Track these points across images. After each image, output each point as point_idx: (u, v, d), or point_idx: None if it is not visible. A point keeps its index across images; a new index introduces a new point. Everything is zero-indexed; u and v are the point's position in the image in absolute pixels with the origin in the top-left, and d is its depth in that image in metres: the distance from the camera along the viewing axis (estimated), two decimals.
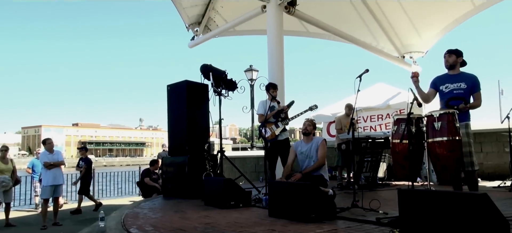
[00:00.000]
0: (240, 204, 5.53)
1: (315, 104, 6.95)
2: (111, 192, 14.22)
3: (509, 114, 7.04)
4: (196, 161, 6.93)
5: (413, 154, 4.30)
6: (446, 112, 4.23)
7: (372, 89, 12.13)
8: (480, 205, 2.87)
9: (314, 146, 5.46)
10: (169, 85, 7.68)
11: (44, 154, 8.31)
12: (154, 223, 4.49)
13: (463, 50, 4.85)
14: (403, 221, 3.37)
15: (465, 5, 9.60)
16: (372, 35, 11.29)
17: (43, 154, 8.33)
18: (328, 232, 3.74)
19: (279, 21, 8.59)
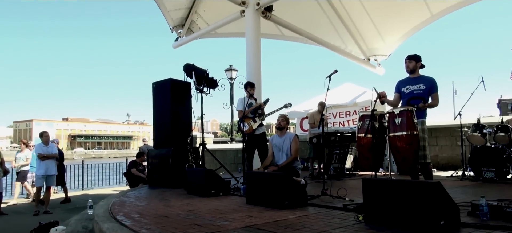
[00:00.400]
0: (220, 192, 5.54)
1: (289, 102, 7.00)
2: (99, 182, 13.99)
3: (460, 111, 7.27)
4: (180, 153, 6.90)
5: (376, 147, 4.38)
6: (405, 109, 4.32)
7: (341, 88, 12.29)
8: (434, 192, 2.95)
9: (287, 141, 5.51)
10: (154, 83, 7.60)
11: (39, 145, 8.20)
12: (139, 211, 4.44)
13: (422, 53, 4.96)
14: (366, 207, 3.43)
15: (423, 14, 9.82)
16: (341, 39, 11.42)
17: (39, 146, 8.22)
18: (300, 217, 3.78)
19: (257, 25, 8.61)
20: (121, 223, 3.72)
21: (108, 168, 14.51)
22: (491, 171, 6.52)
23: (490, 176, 6.52)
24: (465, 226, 3.15)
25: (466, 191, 5.44)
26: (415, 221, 3.02)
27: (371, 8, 10.27)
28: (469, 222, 3.25)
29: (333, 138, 8.06)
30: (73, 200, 9.96)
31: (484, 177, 6.58)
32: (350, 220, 3.55)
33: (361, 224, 3.38)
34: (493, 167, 6.51)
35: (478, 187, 5.93)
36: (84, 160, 14.07)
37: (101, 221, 3.87)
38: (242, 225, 3.48)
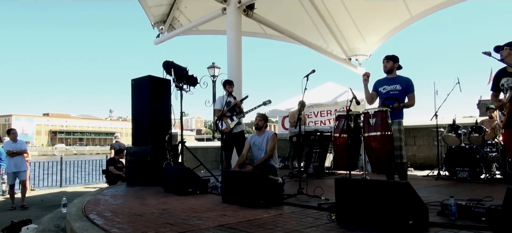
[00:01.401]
0: (197, 191, 5.51)
1: (268, 100, 6.99)
2: (79, 179, 13.75)
3: (437, 112, 7.40)
4: (158, 151, 6.83)
5: (351, 147, 4.42)
6: (380, 110, 4.37)
7: (322, 87, 12.38)
8: (403, 193, 2.99)
9: (265, 139, 5.51)
10: (133, 80, 7.51)
11: (7, 143, 8.13)
12: (113, 209, 4.38)
13: (404, 53, 5.05)
14: (338, 206, 3.46)
15: (403, 15, 9.96)
16: (322, 38, 11.49)
17: (7, 143, 8.17)
18: (274, 216, 3.79)
19: (238, 23, 8.58)
20: (93, 222, 3.67)
21: (88, 165, 14.25)
22: (465, 170, 6.67)
23: (464, 176, 6.66)
24: (433, 225, 3.20)
25: (439, 190, 5.54)
26: (385, 220, 3.06)
27: (353, 8, 10.36)
28: (438, 222, 3.31)
29: (313, 137, 8.12)
30: (50, 198, 9.77)
31: (458, 177, 6.72)
32: (323, 219, 3.57)
33: (333, 224, 3.41)
34: (467, 167, 6.66)
35: (452, 186, 6.06)
36: (64, 156, 13.85)
37: (72, 220, 3.81)
38: (215, 224, 3.46)
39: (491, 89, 4.22)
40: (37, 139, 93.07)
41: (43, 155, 64.08)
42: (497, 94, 4.19)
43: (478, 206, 3.41)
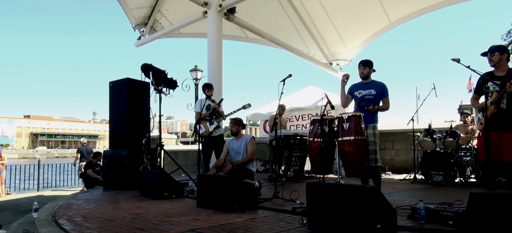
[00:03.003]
0: (173, 195, 5.45)
1: (248, 103, 6.99)
2: (59, 183, 13.46)
3: (413, 117, 7.51)
4: (136, 154, 6.74)
5: (325, 151, 4.44)
6: (354, 114, 4.40)
7: (304, 91, 12.48)
8: (371, 197, 3.01)
9: (244, 143, 5.49)
10: (111, 82, 7.40)
11: None
12: (85, 214, 4.29)
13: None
14: (310, 210, 3.47)
15: (382, 21, 10.10)
16: (304, 43, 11.55)
17: None
18: (246, 220, 3.78)
19: (219, 27, 8.56)
20: (61, 227, 3.59)
21: (68, 168, 13.96)
22: (440, 174, 6.78)
23: (438, 180, 6.78)
24: (401, 229, 3.24)
25: (413, 194, 5.62)
26: (354, 224, 3.08)
27: (333, 14, 10.45)
28: (406, 225, 3.35)
29: (293, 141, 8.13)
30: (26, 202, 9.53)
31: (434, 181, 6.83)
32: (294, 224, 3.57)
33: (304, 228, 3.41)
34: (441, 171, 6.77)
35: (426, 190, 6.15)
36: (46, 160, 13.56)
37: (40, 225, 3.72)
38: (186, 229, 3.43)
39: (474, 91, 4.28)
40: (17, 142, 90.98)
41: (24, 158, 62.57)
42: (478, 97, 4.26)
43: (446, 210, 3.46)
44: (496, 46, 4.07)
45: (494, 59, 4.00)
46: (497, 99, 3.89)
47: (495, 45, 4.08)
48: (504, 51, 4.05)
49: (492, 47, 4.07)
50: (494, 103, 3.90)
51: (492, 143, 3.75)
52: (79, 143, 13.22)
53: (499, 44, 4.11)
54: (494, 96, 3.92)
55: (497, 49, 4.03)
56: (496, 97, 3.90)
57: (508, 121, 3.88)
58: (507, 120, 3.88)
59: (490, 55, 4.03)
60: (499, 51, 4.02)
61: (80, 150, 11.78)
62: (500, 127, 3.86)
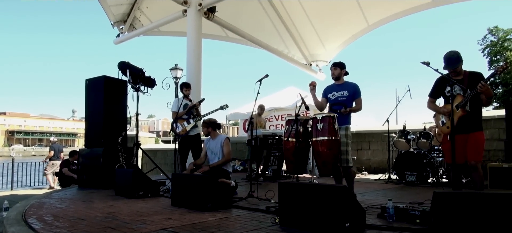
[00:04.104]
0: (148, 194, 5.42)
1: (225, 104, 6.99)
2: (35, 182, 13.12)
3: (388, 118, 7.66)
4: (112, 153, 6.65)
5: (299, 151, 4.49)
6: (327, 115, 4.46)
7: (284, 91, 12.56)
8: (340, 196, 3.07)
9: (219, 144, 5.49)
10: (87, 80, 7.30)
11: None
12: (56, 213, 4.22)
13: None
14: (281, 209, 3.51)
15: (361, 24, 10.25)
16: (284, 44, 11.62)
17: None
18: (220, 219, 3.79)
19: (198, 26, 8.54)
20: (30, 227, 3.52)
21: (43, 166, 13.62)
22: (413, 174, 6.93)
23: (412, 180, 6.93)
24: (370, 228, 3.30)
25: (386, 194, 5.73)
26: (324, 223, 3.13)
27: (313, 16, 10.55)
28: (375, 224, 3.42)
29: (271, 140, 8.18)
30: None
31: (407, 181, 6.98)
32: (267, 222, 3.60)
33: (276, 226, 3.44)
34: (415, 171, 6.93)
35: (399, 190, 6.28)
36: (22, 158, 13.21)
37: (8, 224, 3.64)
38: (158, 228, 3.42)
39: (430, 95, 4.33)
40: None
41: None
42: (434, 101, 4.36)
43: (414, 209, 3.55)
44: (458, 57, 4.09)
45: (458, 70, 4.10)
46: (463, 103, 3.99)
47: (456, 56, 4.09)
48: (461, 60, 4.12)
49: (454, 60, 4.08)
50: (461, 107, 4.00)
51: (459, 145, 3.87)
52: (50, 142, 12.98)
53: (457, 56, 4.11)
54: (459, 100, 4.02)
55: (460, 60, 4.09)
56: (463, 100, 3.99)
57: (472, 122, 4.00)
58: (472, 121, 4.00)
59: (454, 69, 4.09)
60: (461, 61, 4.08)
61: (53, 147, 11.58)
62: (466, 129, 3.97)
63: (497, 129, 7.83)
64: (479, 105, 4.08)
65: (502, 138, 7.34)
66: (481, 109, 4.15)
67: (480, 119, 4.10)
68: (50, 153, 11.57)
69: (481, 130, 4.08)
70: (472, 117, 4.01)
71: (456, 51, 4.10)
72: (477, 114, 4.06)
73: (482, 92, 3.80)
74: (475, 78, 3.91)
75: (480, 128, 4.06)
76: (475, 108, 4.03)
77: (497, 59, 29.64)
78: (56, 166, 11.50)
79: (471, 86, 3.92)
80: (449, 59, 4.06)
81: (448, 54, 4.08)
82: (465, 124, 3.99)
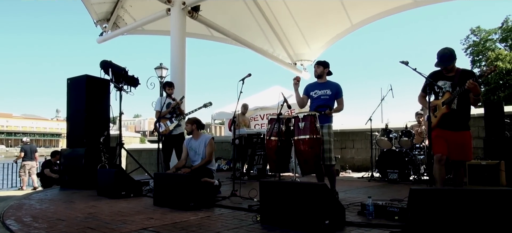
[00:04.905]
0: (131, 194, 5.38)
1: (209, 102, 6.98)
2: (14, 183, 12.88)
3: (371, 117, 7.74)
4: (94, 153, 6.57)
5: (282, 150, 4.51)
6: (309, 114, 4.49)
7: (269, 91, 12.60)
8: (319, 194, 3.10)
9: (203, 144, 5.47)
10: (69, 79, 7.20)
11: None
12: (35, 214, 4.16)
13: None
14: (262, 207, 3.53)
15: (344, 23, 10.34)
16: (269, 43, 11.64)
17: None
18: (201, 218, 3.79)
19: (182, 24, 8.50)
20: (7, 228, 3.46)
21: None
22: (395, 172, 7.04)
23: (394, 177, 7.03)
24: (349, 224, 3.35)
25: (368, 191, 5.80)
26: (304, 221, 3.16)
27: (298, 15, 10.60)
28: (355, 221, 3.47)
29: (255, 139, 8.20)
30: None
31: (389, 178, 7.08)
32: (248, 221, 3.62)
33: (257, 225, 3.46)
34: (396, 169, 7.03)
35: (381, 187, 6.37)
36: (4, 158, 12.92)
37: None
38: (138, 227, 3.40)
39: (422, 89, 4.34)
40: None
41: None
42: (425, 95, 4.37)
43: (392, 206, 3.61)
44: (451, 54, 4.13)
45: (449, 67, 4.13)
46: (449, 100, 4.01)
47: (449, 54, 4.13)
48: (455, 58, 4.16)
49: (447, 57, 4.11)
50: (446, 103, 4.03)
51: (443, 140, 3.93)
52: (21, 142, 12.78)
53: (450, 53, 4.15)
54: (447, 97, 4.03)
55: (454, 58, 4.12)
56: (449, 98, 4.01)
57: (458, 120, 4.02)
58: (458, 120, 4.01)
59: (447, 66, 4.11)
60: (455, 58, 4.12)
61: (24, 148, 11.41)
62: (451, 126, 3.99)
63: (477, 127, 8.00)
64: (467, 104, 4.06)
65: (481, 136, 7.50)
66: (469, 109, 4.13)
67: (468, 118, 4.10)
68: (20, 154, 11.41)
69: (468, 129, 4.09)
70: (459, 115, 4.00)
71: (450, 49, 4.08)
72: (464, 113, 4.05)
73: (470, 89, 3.78)
74: (466, 76, 3.89)
75: (467, 128, 4.08)
76: (463, 107, 4.01)
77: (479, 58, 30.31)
78: (30, 166, 11.36)
79: (461, 84, 3.90)
80: (442, 56, 4.06)
81: (442, 51, 4.08)
82: (450, 121, 3.99)
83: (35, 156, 11.54)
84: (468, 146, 4.07)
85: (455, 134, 4.01)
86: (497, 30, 30.19)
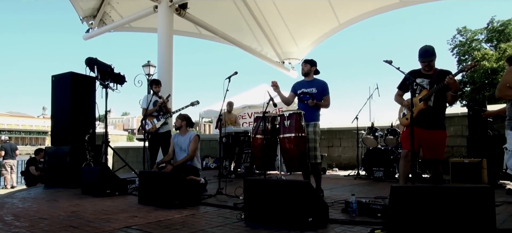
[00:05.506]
0: (116, 192, 5.34)
1: (197, 100, 6.94)
2: None
3: (357, 115, 7.81)
4: (79, 151, 6.52)
5: (267, 148, 4.54)
6: (294, 112, 4.52)
7: (257, 89, 12.62)
8: (303, 191, 3.12)
9: (188, 140, 5.47)
10: (53, 76, 7.10)
11: None
12: (17, 213, 4.11)
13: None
14: (247, 205, 3.54)
15: (332, 22, 10.39)
16: (257, 41, 11.63)
17: None
18: (186, 216, 3.78)
19: (169, 22, 8.44)
20: None
21: None
22: (381, 170, 7.11)
23: (379, 175, 7.11)
24: (332, 222, 3.38)
25: (353, 189, 5.86)
26: (287, 218, 3.18)
27: (286, 14, 10.61)
28: (338, 218, 3.49)
29: (243, 137, 8.20)
30: None
31: (375, 176, 7.16)
32: (233, 219, 3.63)
33: (241, 222, 3.47)
34: (382, 167, 7.11)
35: (366, 185, 6.43)
36: None
37: None
38: (121, 225, 3.38)
39: (398, 87, 4.38)
40: None
41: None
42: (402, 94, 4.43)
43: (375, 203, 3.65)
44: (434, 50, 4.20)
45: (431, 64, 4.19)
46: (426, 97, 4.07)
47: (432, 50, 4.19)
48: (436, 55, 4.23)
49: (430, 53, 4.17)
50: (424, 100, 4.08)
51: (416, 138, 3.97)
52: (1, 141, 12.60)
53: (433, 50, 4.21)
54: (424, 94, 4.09)
55: (435, 54, 4.19)
56: (426, 94, 4.06)
57: (434, 119, 4.07)
58: (434, 118, 4.06)
59: (429, 62, 4.17)
60: (435, 55, 4.19)
61: (4, 147, 11.27)
62: (426, 124, 4.03)
63: (461, 126, 8.14)
64: (443, 103, 4.10)
65: (465, 134, 7.63)
66: (445, 108, 4.19)
67: (443, 117, 4.15)
68: (1, 153, 11.27)
69: (444, 128, 4.13)
70: (435, 113, 4.04)
71: (432, 46, 4.15)
72: (440, 112, 4.10)
73: (449, 85, 3.83)
74: (443, 76, 3.93)
75: (442, 127, 4.12)
76: (439, 105, 4.06)
77: (465, 58, 30.73)
78: (12, 164, 11.25)
79: (439, 82, 3.94)
80: (426, 52, 4.10)
81: (425, 48, 4.13)
82: (426, 119, 4.01)
83: (15, 153, 11.39)
84: (442, 145, 4.12)
85: (431, 132, 4.05)
86: (483, 31, 30.64)
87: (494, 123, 6.71)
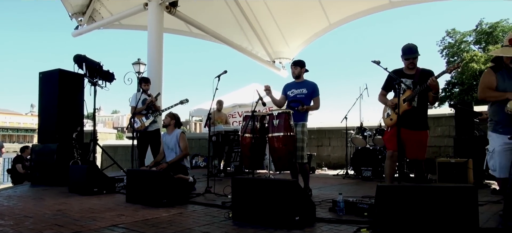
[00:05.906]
0: (103, 190, 5.30)
1: (186, 98, 6.93)
2: None
3: (346, 115, 7.86)
4: (67, 149, 6.46)
5: (256, 147, 4.54)
6: (283, 112, 4.53)
7: (247, 88, 12.58)
8: (290, 190, 3.14)
9: (175, 139, 5.45)
10: (41, 73, 7.02)
11: None
12: (2, 211, 4.05)
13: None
14: (234, 204, 3.55)
15: (323, 22, 10.45)
16: (248, 40, 11.65)
17: None
18: (173, 215, 3.78)
19: (159, 20, 8.41)
20: None
21: None
22: (369, 170, 7.17)
23: (367, 175, 7.17)
24: (320, 221, 3.40)
25: (342, 188, 5.90)
26: (275, 217, 3.19)
27: (277, 13, 10.64)
28: (325, 217, 3.52)
29: (233, 136, 8.19)
30: None
31: (363, 176, 7.21)
32: (220, 217, 3.63)
33: (229, 221, 3.47)
34: (370, 167, 7.16)
35: (355, 185, 6.47)
36: None
37: None
38: (108, 224, 3.36)
39: (382, 87, 4.41)
40: None
41: None
42: (385, 94, 4.45)
43: (362, 202, 3.68)
44: (417, 49, 4.24)
45: (415, 62, 4.22)
46: (410, 97, 4.11)
47: (416, 48, 4.24)
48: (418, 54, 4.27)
49: (414, 50, 4.21)
50: (408, 101, 4.12)
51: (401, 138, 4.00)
52: None
53: (416, 48, 4.26)
54: (408, 94, 4.12)
55: (417, 51, 4.23)
56: (410, 95, 4.10)
57: (417, 119, 4.11)
58: (417, 119, 4.10)
59: (413, 59, 4.21)
60: (418, 53, 4.22)
61: None
62: (410, 125, 4.06)
63: (448, 126, 8.24)
64: (426, 103, 4.15)
65: (452, 134, 7.72)
66: (427, 108, 4.23)
67: (425, 117, 4.20)
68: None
69: (426, 129, 4.17)
70: (418, 114, 4.09)
71: (415, 44, 4.19)
72: (423, 112, 4.14)
73: (431, 87, 3.86)
74: (426, 76, 3.98)
75: (425, 127, 4.16)
76: (421, 106, 4.10)
77: (454, 60, 31.07)
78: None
79: (421, 82, 3.98)
80: (410, 49, 4.13)
81: (408, 45, 4.17)
82: (409, 119, 4.04)
83: (1, 151, 11.25)
84: (424, 145, 4.16)
85: (414, 133, 4.08)
86: (472, 33, 31.03)
87: (480, 123, 6.80)
